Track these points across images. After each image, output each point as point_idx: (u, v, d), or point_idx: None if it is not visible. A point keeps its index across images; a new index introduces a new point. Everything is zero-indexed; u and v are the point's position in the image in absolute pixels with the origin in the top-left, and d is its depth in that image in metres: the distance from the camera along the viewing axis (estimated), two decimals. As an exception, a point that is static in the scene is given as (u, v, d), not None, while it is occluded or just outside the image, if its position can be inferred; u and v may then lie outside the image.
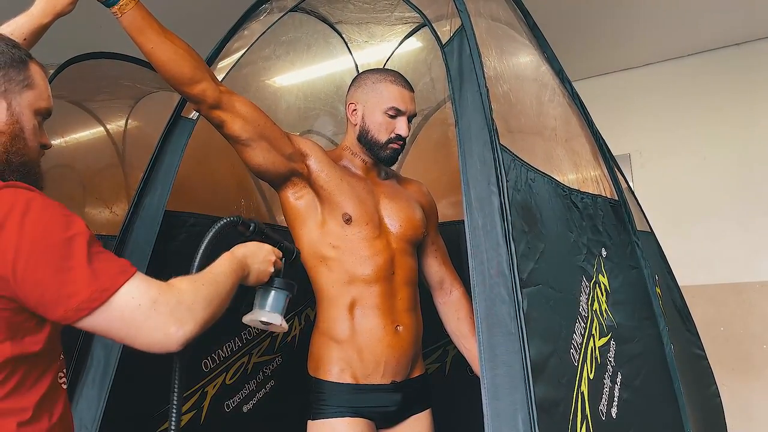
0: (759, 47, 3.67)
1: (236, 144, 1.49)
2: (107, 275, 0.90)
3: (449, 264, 1.79)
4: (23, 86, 1.04)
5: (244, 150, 1.49)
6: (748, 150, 3.65)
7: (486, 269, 1.03)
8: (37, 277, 0.86)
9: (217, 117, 1.44)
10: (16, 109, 1.03)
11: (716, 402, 2.06)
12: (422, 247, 1.73)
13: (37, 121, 1.08)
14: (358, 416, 1.50)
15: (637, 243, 1.71)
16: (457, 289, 1.74)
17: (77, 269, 0.88)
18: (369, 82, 1.64)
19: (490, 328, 0.99)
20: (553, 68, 1.73)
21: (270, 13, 1.84)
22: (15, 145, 1.03)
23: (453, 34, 1.26)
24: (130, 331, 0.90)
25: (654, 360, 1.57)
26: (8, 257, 0.86)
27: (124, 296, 0.89)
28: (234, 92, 1.48)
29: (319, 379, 1.54)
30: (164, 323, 0.91)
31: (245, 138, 1.47)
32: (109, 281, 0.89)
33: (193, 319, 0.94)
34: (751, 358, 3.52)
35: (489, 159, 1.10)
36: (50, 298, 0.87)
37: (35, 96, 1.06)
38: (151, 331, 0.90)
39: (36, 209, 0.89)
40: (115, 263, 0.93)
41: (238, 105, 1.46)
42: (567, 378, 1.07)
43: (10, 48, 1.05)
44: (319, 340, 1.58)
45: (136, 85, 2.59)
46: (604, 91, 4.01)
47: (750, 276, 3.57)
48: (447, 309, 1.73)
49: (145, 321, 0.90)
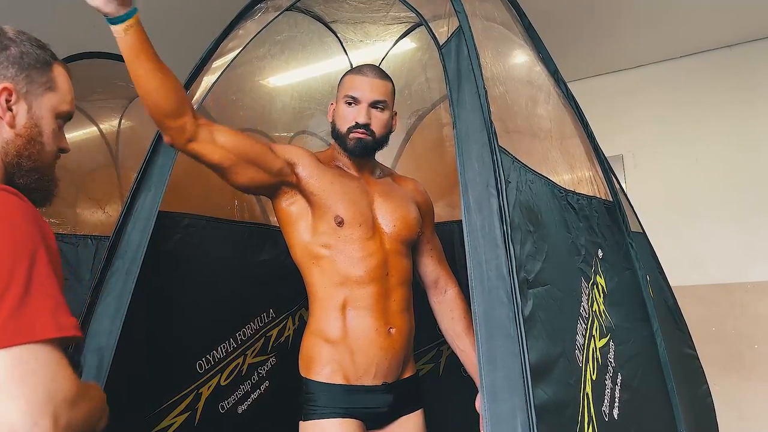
0: (750, 49, 3.70)
1: (219, 171, 1.47)
2: (34, 318, 0.73)
3: (444, 263, 1.78)
4: (45, 88, 1.03)
5: (227, 175, 1.48)
6: (740, 151, 3.68)
7: (484, 271, 1.03)
8: None
9: (194, 150, 1.41)
10: (37, 112, 1.02)
11: (707, 401, 2.07)
12: (418, 246, 1.73)
13: (57, 124, 1.06)
14: (349, 417, 1.49)
15: (631, 244, 1.72)
16: (452, 288, 1.74)
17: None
18: (341, 80, 1.67)
19: (489, 331, 0.99)
20: (548, 69, 1.74)
21: (265, 13, 1.83)
22: (29, 149, 1.01)
23: (451, 34, 1.25)
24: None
25: (648, 360, 1.57)
26: None
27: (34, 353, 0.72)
28: (212, 123, 1.46)
29: (310, 380, 1.53)
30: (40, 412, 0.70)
31: (227, 165, 1.45)
32: (31, 326, 0.73)
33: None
34: (742, 358, 3.55)
35: (488, 160, 1.10)
36: None
37: (58, 99, 1.05)
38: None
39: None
40: (52, 310, 0.76)
41: (217, 135, 1.43)
42: (575, 379, 1.07)
43: (35, 49, 1.03)
44: (310, 341, 1.57)
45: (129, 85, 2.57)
46: (597, 93, 4.02)
47: (741, 276, 3.60)
48: (441, 308, 1.73)
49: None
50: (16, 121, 1.00)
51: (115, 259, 1.67)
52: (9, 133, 1.00)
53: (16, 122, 1.00)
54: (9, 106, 0.99)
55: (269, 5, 1.83)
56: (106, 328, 1.57)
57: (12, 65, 1.00)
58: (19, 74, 1.00)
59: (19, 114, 1.00)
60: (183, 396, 1.92)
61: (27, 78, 1.01)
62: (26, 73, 1.01)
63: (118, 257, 1.67)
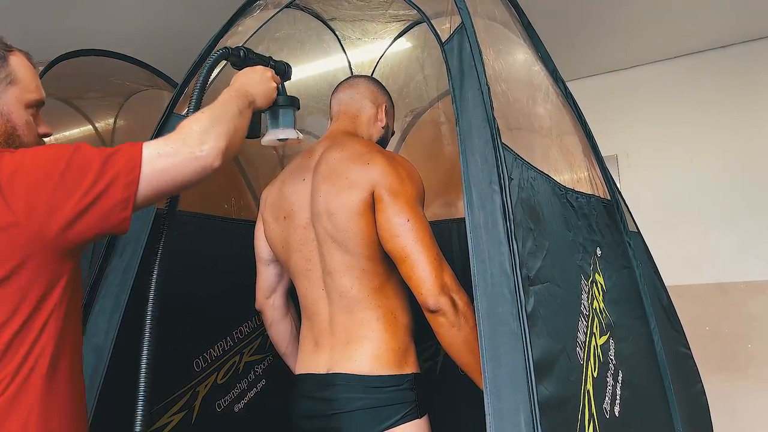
0: (744, 50, 3.72)
1: None
2: (124, 154, 0.96)
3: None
4: (6, 84, 1.04)
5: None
6: (734, 151, 3.70)
7: (488, 268, 1.03)
8: (65, 187, 0.90)
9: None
10: (4, 109, 1.03)
11: (702, 400, 2.08)
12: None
13: (29, 114, 1.07)
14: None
15: (629, 243, 1.72)
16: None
17: (95, 165, 0.92)
18: (388, 96, 1.79)
19: (492, 327, 0.98)
20: (547, 68, 1.74)
21: (264, 9, 1.82)
22: (10, 146, 1.03)
23: (453, 31, 1.25)
24: (171, 175, 0.98)
25: (646, 358, 1.58)
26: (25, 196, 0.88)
27: (147, 156, 0.96)
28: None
29: (409, 374, 1.46)
30: (190, 152, 0.99)
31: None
32: (129, 154, 0.96)
33: (213, 135, 1.02)
34: (736, 358, 3.57)
35: (491, 157, 1.10)
36: (90, 195, 0.91)
37: (21, 90, 1.05)
38: (185, 164, 0.98)
39: (34, 150, 0.94)
40: (124, 150, 0.97)
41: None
42: (575, 376, 1.07)
43: None
44: (405, 335, 1.50)
45: (126, 83, 2.57)
46: (592, 93, 4.03)
47: (736, 276, 3.62)
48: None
49: (174, 160, 0.97)
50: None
51: (112, 257, 1.66)
52: None
53: None
54: None
55: (268, 2, 1.82)
56: (103, 327, 1.56)
57: None
58: None
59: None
60: (180, 394, 1.91)
61: None
62: None
63: (115, 255, 1.66)
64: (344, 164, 1.48)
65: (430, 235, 1.37)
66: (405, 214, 1.37)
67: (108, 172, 0.93)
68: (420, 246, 1.34)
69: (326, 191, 1.49)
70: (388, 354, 1.44)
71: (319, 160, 1.56)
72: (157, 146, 0.98)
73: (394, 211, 1.38)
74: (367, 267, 1.45)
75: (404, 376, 1.44)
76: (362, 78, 1.80)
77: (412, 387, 1.44)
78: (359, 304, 1.47)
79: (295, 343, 1.69)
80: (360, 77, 1.81)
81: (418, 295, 1.33)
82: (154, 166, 0.96)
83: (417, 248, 1.34)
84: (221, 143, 1.02)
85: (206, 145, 1.00)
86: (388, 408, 1.41)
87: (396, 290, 1.49)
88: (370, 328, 1.46)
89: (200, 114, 1.06)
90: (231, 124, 1.07)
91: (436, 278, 1.31)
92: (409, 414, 1.42)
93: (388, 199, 1.40)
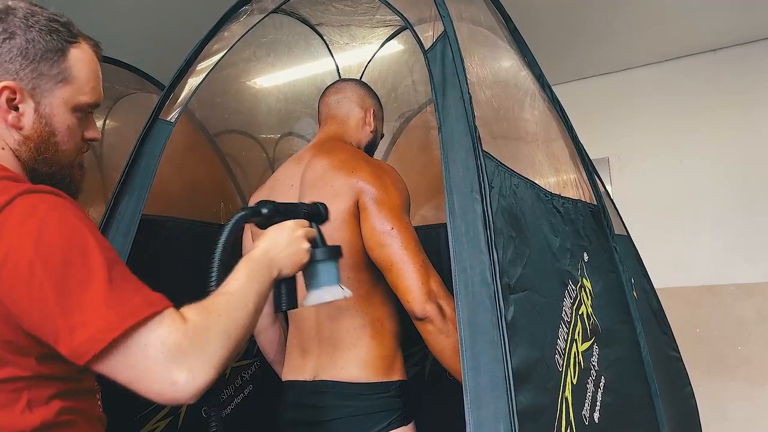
0: (734, 53, 3.74)
1: None
2: (129, 305, 0.75)
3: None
4: (57, 81, 0.91)
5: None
6: (724, 154, 3.72)
7: (469, 276, 1.03)
8: (41, 298, 0.72)
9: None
10: (46, 110, 0.90)
11: (691, 403, 2.09)
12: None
13: (76, 117, 0.94)
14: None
15: (615, 248, 1.72)
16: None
17: (91, 292, 0.73)
18: (377, 100, 1.78)
19: (473, 336, 0.98)
20: (534, 73, 1.74)
21: (250, 15, 1.82)
22: (43, 153, 0.91)
23: (436, 39, 1.25)
24: (132, 376, 0.74)
25: (632, 363, 1.58)
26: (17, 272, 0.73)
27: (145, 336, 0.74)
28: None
29: (396, 381, 1.45)
30: (169, 371, 0.73)
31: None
32: (131, 312, 0.74)
33: (209, 363, 0.77)
34: (725, 360, 3.58)
35: (472, 166, 1.10)
36: (50, 327, 0.73)
37: (73, 91, 0.92)
38: (153, 382, 0.74)
39: (51, 222, 0.76)
40: (141, 293, 0.77)
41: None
42: (553, 383, 1.07)
43: (45, 35, 0.90)
44: (391, 341, 1.49)
45: (114, 86, 2.55)
46: (583, 95, 4.05)
47: (725, 278, 3.64)
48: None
49: (150, 368, 0.73)
50: (23, 122, 0.89)
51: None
52: (17, 136, 0.90)
53: (23, 123, 0.89)
54: (14, 105, 0.88)
55: (254, 7, 1.82)
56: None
57: (16, 57, 0.88)
58: (24, 68, 0.88)
59: (25, 114, 0.89)
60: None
61: (34, 72, 0.89)
62: (33, 66, 0.89)
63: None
64: (330, 173, 1.48)
65: (415, 243, 1.37)
66: (389, 222, 1.37)
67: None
68: (405, 254, 1.34)
69: (312, 199, 1.48)
70: (375, 361, 1.44)
71: (307, 166, 1.55)
72: (169, 330, 0.75)
73: (378, 220, 1.38)
74: (353, 275, 1.45)
75: (391, 384, 1.44)
76: (350, 82, 1.80)
77: (398, 394, 1.44)
78: (346, 312, 1.47)
79: (284, 350, 1.69)
80: (347, 81, 1.81)
81: (405, 303, 1.33)
82: (132, 353, 0.73)
83: (402, 256, 1.34)
84: (213, 375, 0.78)
85: (197, 377, 0.76)
86: (374, 415, 1.41)
87: (383, 298, 1.49)
88: (357, 336, 1.46)
89: (216, 316, 0.82)
90: (242, 337, 0.85)
91: (423, 285, 1.31)
92: (395, 421, 1.42)
93: (372, 208, 1.40)
